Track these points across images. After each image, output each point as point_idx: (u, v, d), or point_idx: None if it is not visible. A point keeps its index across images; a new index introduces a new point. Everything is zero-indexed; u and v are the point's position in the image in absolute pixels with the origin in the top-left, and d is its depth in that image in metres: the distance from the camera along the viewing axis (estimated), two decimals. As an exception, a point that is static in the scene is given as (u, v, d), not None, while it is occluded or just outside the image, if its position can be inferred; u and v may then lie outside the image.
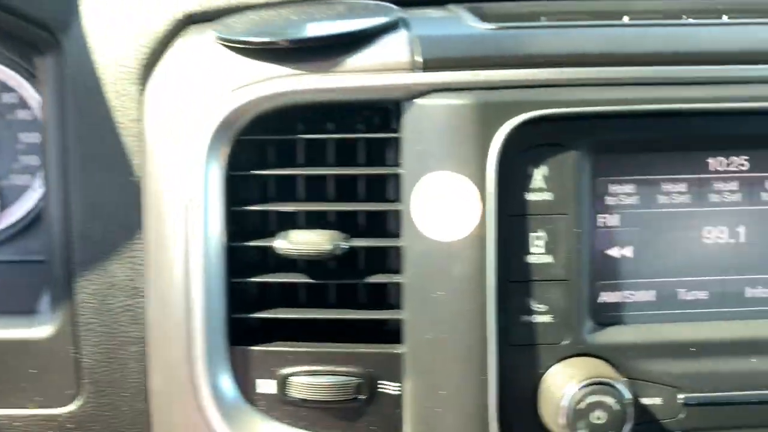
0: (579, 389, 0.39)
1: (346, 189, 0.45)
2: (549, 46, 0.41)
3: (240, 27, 0.45)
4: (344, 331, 0.44)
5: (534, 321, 0.41)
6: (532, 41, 0.42)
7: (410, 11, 0.49)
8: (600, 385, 0.39)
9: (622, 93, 0.41)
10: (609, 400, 0.39)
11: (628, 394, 0.39)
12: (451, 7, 0.50)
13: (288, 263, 0.44)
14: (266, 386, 0.44)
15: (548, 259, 0.41)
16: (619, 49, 0.41)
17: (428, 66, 0.41)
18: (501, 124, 0.40)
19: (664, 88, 0.41)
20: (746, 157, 0.42)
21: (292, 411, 0.44)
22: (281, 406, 0.44)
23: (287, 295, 0.45)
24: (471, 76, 0.41)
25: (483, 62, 0.41)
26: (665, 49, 0.41)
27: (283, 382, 0.43)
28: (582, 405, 0.39)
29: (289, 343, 0.44)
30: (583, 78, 0.41)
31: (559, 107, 0.40)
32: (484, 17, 0.46)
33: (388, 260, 0.44)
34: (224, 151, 0.43)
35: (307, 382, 0.43)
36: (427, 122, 0.41)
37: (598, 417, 0.39)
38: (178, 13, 0.50)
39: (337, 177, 0.44)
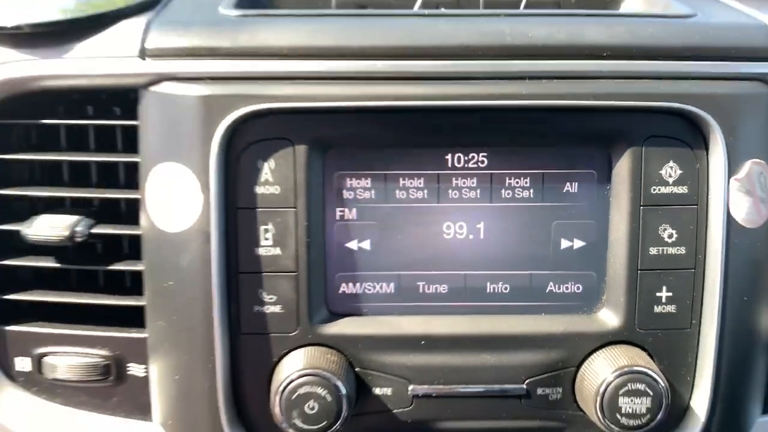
0: (297, 379, 0.40)
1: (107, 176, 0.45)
2: (280, 37, 0.41)
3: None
4: (99, 313, 0.45)
5: (265, 311, 0.42)
6: (265, 31, 0.41)
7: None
8: (316, 377, 0.40)
9: (350, 89, 0.40)
10: (321, 391, 0.40)
11: (343, 388, 0.40)
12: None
13: (45, 247, 0.45)
14: (23, 364, 0.46)
15: (277, 251, 0.41)
16: (350, 42, 0.41)
17: (154, 54, 0.41)
18: (223, 117, 0.40)
19: (393, 84, 0.40)
20: (485, 154, 0.42)
21: (49, 387, 0.46)
22: (38, 382, 0.46)
23: (55, 278, 0.46)
24: (197, 67, 0.40)
25: (212, 52, 0.41)
26: (389, 43, 0.41)
27: (38, 361, 0.45)
28: (295, 396, 0.40)
29: (40, 324, 0.45)
30: (312, 72, 0.40)
31: (282, 101, 0.40)
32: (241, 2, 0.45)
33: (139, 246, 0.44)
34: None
35: (59, 362, 0.45)
36: (159, 111, 0.41)
37: (311, 407, 0.40)
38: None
39: (99, 164, 0.45)
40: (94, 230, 0.43)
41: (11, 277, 0.46)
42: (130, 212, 0.44)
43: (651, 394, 0.40)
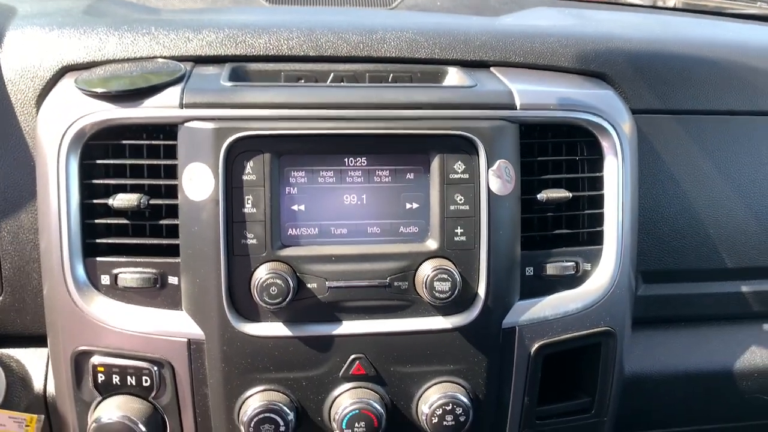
0: (265, 276, 0.75)
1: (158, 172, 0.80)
2: (255, 97, 0.77)
3: (91, 78, 0.79)
4: (148, 248, 0.79)
5: (247, 243, 0.77)
6: (247, 95, 0.78)
7: (198, 67, 0.84)
8: (275, 274, 0.75)
9: (294, 124, 0.77)
10: (278, 281, 0.75)
11: (291, 281, 0.75)
12: (227, 65, 0.85)
13: (126, 212, 0.78)
14: (105, 280, 0.79)
15: (254, 210, 0.77)
16: (293, 100, 0.77)
17: (188, 106, 0.76)
18: (225, 139, 0.75)
19: (316, 122, 0.77)
20: (365, 158, 0.79)
21: (121, 293, 0.79)
22: (114, 290, 0.79)
23: (123, 230, 0.80)
24: (212, 113, 0.76)
25: (219, 105, 0.76)
26: (314, 101, 0.78)
27: (114, 278, 0.79)
28: (264, 284, 0.75)
29: (115, 256, 0.79)
30: (272, 115, 0.77)
31: (257, 131, 0.75)
32: (233, 76, 0.81)
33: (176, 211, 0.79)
34: (79, 150, 0.77)
35: (127, 277, 0.78)
36: (190, 136, 0.77)
37: (273, 290, 0.75)
38: (59, 65, 0.84)
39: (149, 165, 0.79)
40: (152, 201, 0.77)
41: (94, 229, 0.79)
42: (167, 191, 0.79)
43: (450, 280, 0.77)
